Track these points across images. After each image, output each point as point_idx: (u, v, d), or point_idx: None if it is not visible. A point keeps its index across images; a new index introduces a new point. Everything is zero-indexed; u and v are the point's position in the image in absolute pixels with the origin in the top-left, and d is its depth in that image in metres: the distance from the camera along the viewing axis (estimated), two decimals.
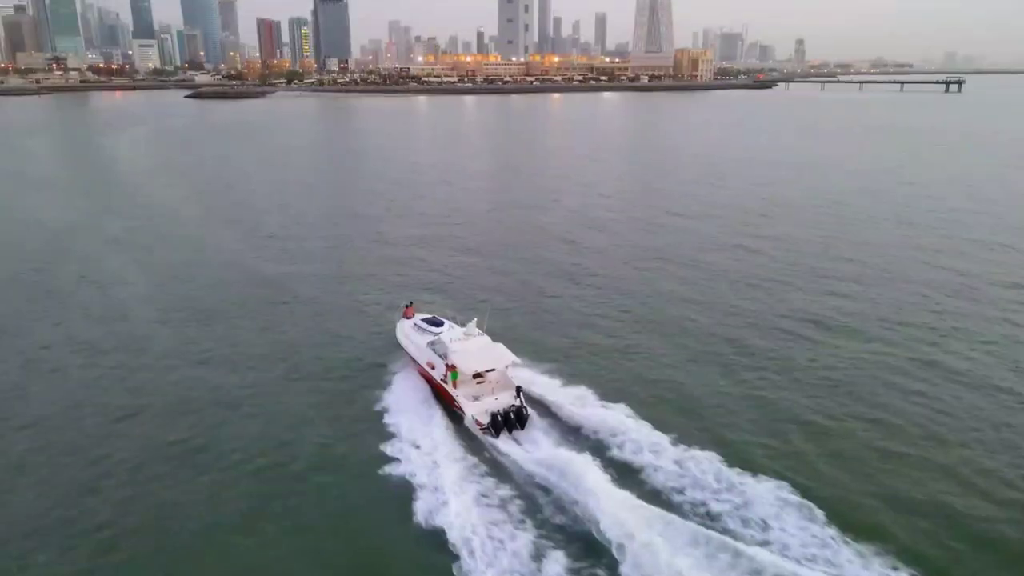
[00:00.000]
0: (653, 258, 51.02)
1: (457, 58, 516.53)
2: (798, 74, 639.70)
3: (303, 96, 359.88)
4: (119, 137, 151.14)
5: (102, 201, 74.60)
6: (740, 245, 53.68)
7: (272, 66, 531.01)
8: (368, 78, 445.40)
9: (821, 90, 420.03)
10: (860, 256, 50.59)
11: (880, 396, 29.47)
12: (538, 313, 39.78)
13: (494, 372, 28.14)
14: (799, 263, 48.99)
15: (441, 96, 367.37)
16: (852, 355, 33.47)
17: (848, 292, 42.70)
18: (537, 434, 25.93)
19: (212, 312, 40.22)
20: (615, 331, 36.90)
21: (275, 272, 48.14)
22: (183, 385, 31.06)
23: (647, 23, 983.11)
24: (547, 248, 54.35)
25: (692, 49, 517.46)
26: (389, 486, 23.28)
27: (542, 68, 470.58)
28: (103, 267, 49.43)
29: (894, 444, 25.91)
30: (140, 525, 21.80)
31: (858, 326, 37.13)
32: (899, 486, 23.41)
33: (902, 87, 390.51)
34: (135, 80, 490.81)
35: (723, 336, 35.99)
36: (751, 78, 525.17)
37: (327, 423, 27.61)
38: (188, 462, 25.11)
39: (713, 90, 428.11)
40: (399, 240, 57.19)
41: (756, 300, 41.58)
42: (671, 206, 70.11)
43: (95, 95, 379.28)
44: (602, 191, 79.25)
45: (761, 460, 24.53)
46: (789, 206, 68.83)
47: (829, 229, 58.76)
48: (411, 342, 31.61)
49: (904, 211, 66.01)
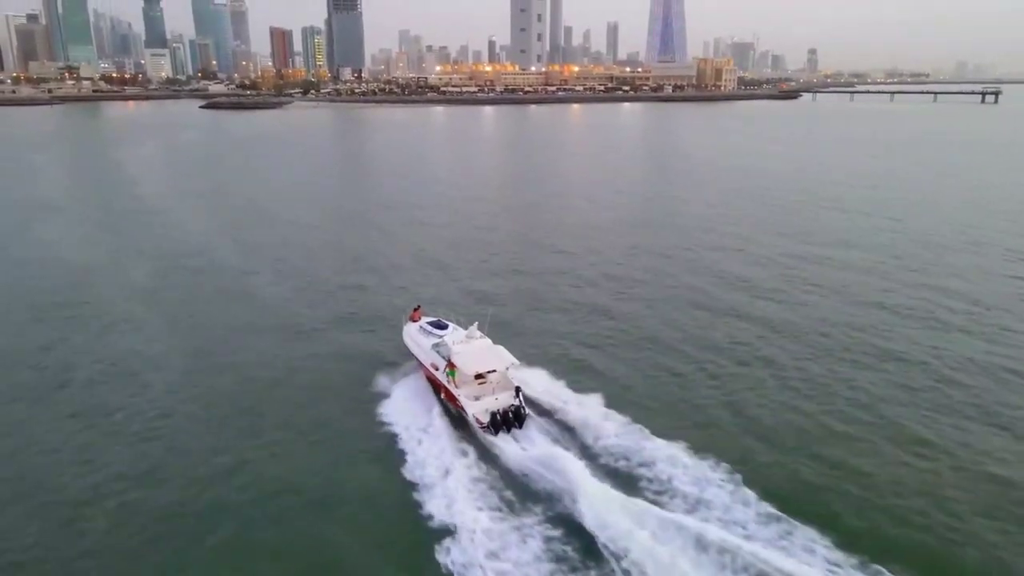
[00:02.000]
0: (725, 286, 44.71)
1: (475, 67, 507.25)
2: (815, 84, 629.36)
3: (320, 106, 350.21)
4: (135, 152, 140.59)
5: (118, 231, 63.81)
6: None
7: (287, 76, 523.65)
8: (386, 88, 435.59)
9: (851, 100, 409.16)
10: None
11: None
12: (538, 316, 41.54)
13: (495, 373, 28.95)
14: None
15: (460, 106, 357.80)
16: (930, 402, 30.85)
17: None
18: (534, 433, 27.09)
19: (222, 315, 41.85)
20: (612, 334, 38.42)
21: (290, 282, 49.64)
22: (193, 388, 32.03)
23: (660, 32, 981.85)
24: (564, 261, 54.88)
25: (716, 59, 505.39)
26: (392, 479, 24.52)
27: (561, 78, 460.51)
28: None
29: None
30: (142, 528, 22.24)
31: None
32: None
33: (935, 98, 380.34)
34: (148, 90, 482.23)
35: (724, 342, 36.93)
36: (774, 88, 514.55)
37: (334, 420, 28.90)
38: (203, 458, 25.98)
39: (737, 100, 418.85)
40: (426, 252, 58.09)
41: (763, 307, 42.60)
42: (736, 230, 60.24)
43: (107, 105, 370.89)
44: (668, 218, 68.15)
45: (757, 460, 25.55)
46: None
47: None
48: (416, 344, 32.47)
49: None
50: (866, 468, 24.92)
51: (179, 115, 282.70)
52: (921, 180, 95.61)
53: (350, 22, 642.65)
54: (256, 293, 46.12)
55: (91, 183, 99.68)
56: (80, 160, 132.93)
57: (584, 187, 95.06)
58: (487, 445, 26.29)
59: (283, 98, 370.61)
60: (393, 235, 64.08)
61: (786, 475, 24.51)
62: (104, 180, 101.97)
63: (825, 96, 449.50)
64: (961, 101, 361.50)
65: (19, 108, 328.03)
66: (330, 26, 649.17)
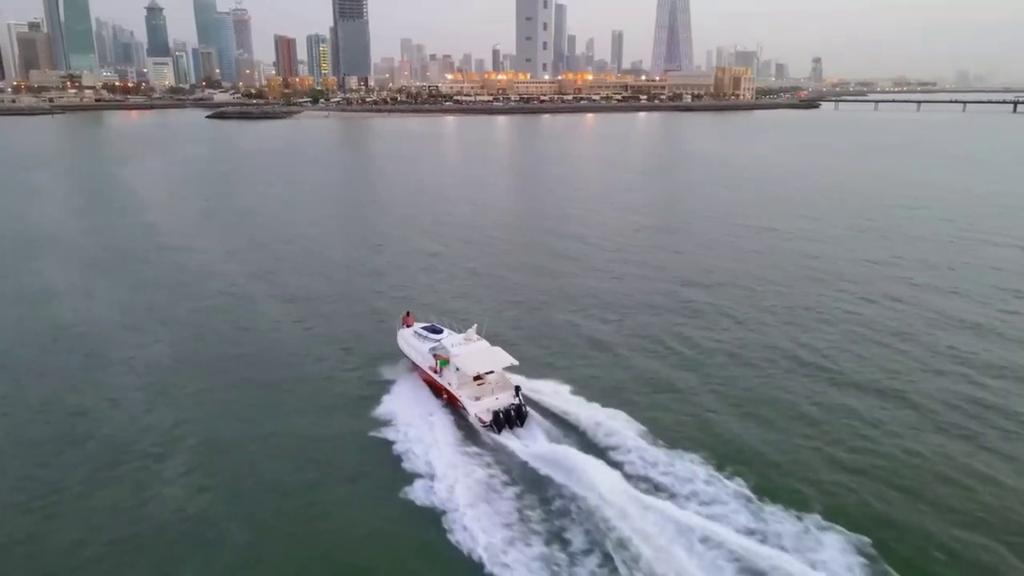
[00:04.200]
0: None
1: (487, 76, 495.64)
2: (825, 92, 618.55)
3: (331, 116, 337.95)
4: (142, 169, 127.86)
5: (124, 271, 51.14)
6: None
7: (293, 84, 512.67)
8: (397, 97, 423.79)
9: (875, 109, 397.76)
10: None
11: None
12: (534, 318, 42.02)
13: (493, 374, 29.56)
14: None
15: (473, 116, 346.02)
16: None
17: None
18: (535, 430, 27.61)
19: (217, 325, 41.47)
20: (609, 335, 38.83)
21: (285, 289, 50.28)
22: (193, 395, 31.84)
23: (666, 41, 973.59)
24: (586, 276, 54.11)
25: (734, 67, 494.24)
26: (399, 479, 24.62)
27: (575, 86, 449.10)
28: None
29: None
30: (144, 531, 22.30)
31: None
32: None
33: (964, 107, 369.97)
34: (151, 99, 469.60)
35: (721, 342, 37.30)
36: (792, 97, 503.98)
37: (336, 423, 29.19)
38: (198, 465, 26.00)
39: (757, 110, 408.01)
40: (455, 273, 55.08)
41: (760, 311, 42.82)
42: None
43: (110, 114, 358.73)
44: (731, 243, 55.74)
45: (751, 457, 25.84)
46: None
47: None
48: (413, 349, 32.68)
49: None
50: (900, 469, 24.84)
51: (185, 126, 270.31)
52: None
53: (356, 30, 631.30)
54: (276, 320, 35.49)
55: (93, 209, 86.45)
56: (81, 180, 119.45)
57: (665, 215, 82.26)
58: (490, 444, 26.90)
59: (292, 108, 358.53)
60: (440, 265, 55.72)
61: (796, 471, 24.86)
62: (108, 205, 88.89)
63: (847, 105, 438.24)
64: (992, 111, 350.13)
65: (19, 118, 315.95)
66: (336, 34, 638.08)
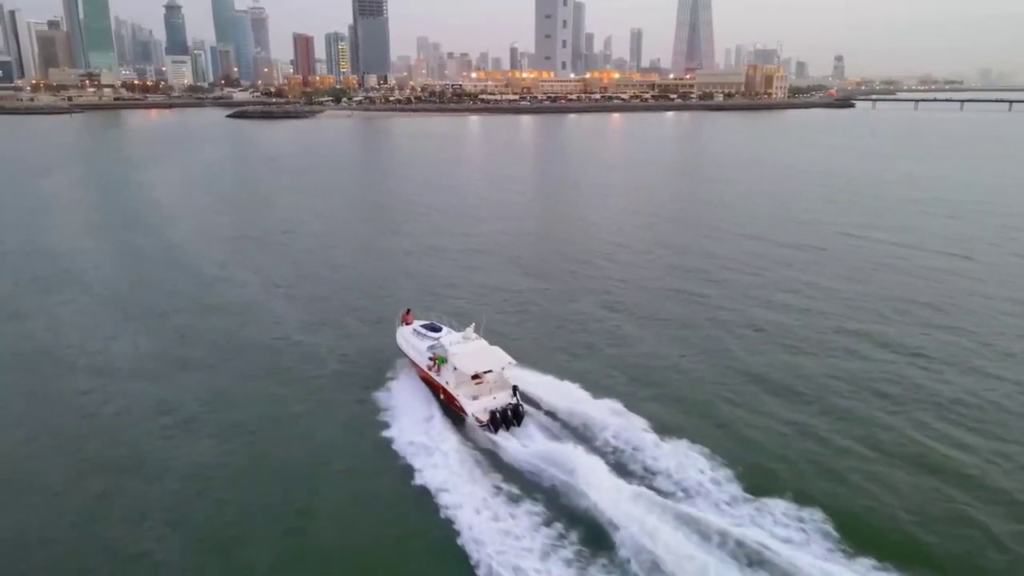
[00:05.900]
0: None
1: (511, 74, 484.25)
2: (850, 91, 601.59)
3: (355, 115, 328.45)
4: (162, 173, 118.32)
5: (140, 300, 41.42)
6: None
7: (313, 83, 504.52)
8: (421, 96, 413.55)
9: (915, 109, 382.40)
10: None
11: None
12: (532, 318, 42.09)
13: (491, 373, 29.25)
14: None
15: (499, 115, 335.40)
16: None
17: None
18: (533, 430, 27.53)
19: (213, 321, 41.84)
20: (609, 335, 39.03)
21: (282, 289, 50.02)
22: (189, 394, 31.89)
23: (688, 39, 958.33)
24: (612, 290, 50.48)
25: (766, 66, 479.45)
26: (396, 478, 24.75)
27: (601, 85, 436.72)
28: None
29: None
30: (144, 531, 22.28)
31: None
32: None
33: (1011, 106, 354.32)
34: (171, 97, 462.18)
35: (721, 341, 37.56)
36: (823, 96, 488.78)
37: (334, 424, 29.09)
38: (195, 464, 26.02)
39: (790, 109, 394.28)
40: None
41: (761, 307, 43.29)
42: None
43: (129, 113, 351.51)
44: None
45: (751, 453, 26.12)
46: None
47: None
48: (412, 347, 32.57)
49: None
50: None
51: (206, 126, 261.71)
52: None
53: (376, 28, 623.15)
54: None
55: (111, 223, 76.56)
56: (98, 187, 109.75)
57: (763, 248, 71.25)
58: (487, 443, 26.67)
59: (314, 107, 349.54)
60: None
61: (797, 466, 25.46)
62: (127, 217, 79.05)
63: (884, 104, 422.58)
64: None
65: (38, 117, 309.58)
66: (355, 32, 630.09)
